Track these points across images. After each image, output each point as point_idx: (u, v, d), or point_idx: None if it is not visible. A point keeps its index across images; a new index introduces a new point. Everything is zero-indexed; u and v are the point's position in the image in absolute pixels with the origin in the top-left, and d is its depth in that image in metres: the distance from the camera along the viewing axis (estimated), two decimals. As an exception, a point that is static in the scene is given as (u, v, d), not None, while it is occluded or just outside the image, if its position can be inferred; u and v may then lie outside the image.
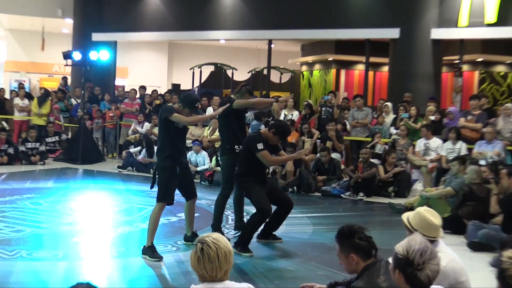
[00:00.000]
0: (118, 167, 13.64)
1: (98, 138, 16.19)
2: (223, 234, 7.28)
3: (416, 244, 2.82)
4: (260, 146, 6.81)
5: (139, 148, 13.90)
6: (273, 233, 7.42)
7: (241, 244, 6.78)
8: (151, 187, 6.73)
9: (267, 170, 11.72)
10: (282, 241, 7.38)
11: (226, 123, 7.48)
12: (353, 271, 3.64)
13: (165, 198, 6.55)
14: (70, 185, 11.40)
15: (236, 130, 7.41)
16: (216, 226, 7.40)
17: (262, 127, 12.56)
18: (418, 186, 11.68)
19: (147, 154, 13.49)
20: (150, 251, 6.39)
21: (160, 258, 6.35)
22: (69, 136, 16.51)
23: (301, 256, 6.81)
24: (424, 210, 4.02)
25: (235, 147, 7.33)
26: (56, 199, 9.78)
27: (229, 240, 6.98)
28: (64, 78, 19.49)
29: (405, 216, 4.05)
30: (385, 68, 21.61)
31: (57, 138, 15.44)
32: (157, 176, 6.64)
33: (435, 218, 3.99)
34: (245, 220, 7.68)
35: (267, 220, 7.06)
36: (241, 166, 7.04)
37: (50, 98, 16.32)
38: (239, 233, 7.28)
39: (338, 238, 3.64)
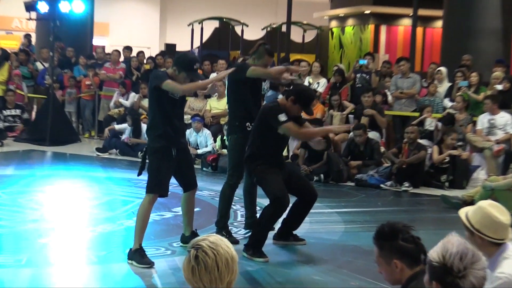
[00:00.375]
0: (97, 149, 13.69)
1: (72, 112, 16.24)
2: (230, 233, 7.32)
3: (454, 247, 2.80)
4: (282, 117, 6.76)
5: (125, 125, 13.89)
6: (294, 232, 7.43)
7: (253, 247, 6.80)
8: (139, 174, 6.74)
9: (287, 154, 11.74)
10: (306, 243, 7.39)
11: (236, 94, 7.45)
12: (396, 281, 3.63)
13: (156, 188, 6.55)
14: (35, 172, 11.46)
15: (248, 103, 7.38)
16: (222, 224, 7.43)
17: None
18: (480, 174, 11.62)
19: (134, 133, 13.52)
20: (138, 256, 6.40)
21: (150, 264, 6.36)
22: (34, 111, 16.57)
23: (329, 262, 6.82)
24: (488, 205, 3.99)
25: (247, 124, 7.31)
26: (18, 189, 9.82)
27: (237, 242, 7.08)
28: (27, 36, 19.51)
29: (464, 212, 4.02)
30: (438, 23, 21.44)
31: (18, 111, 15.48)
32: (147, 160, 6.65)
33: (502, 215, 3.96)
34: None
35: (285, 215, 7.06)
36: (252, 146, 7.00)
37: (9, 61, 16.35)
38: (247, 231, 7.31)
39: (377, 239, 3.62)
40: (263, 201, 7.80)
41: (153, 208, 6.67)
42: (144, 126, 13.28)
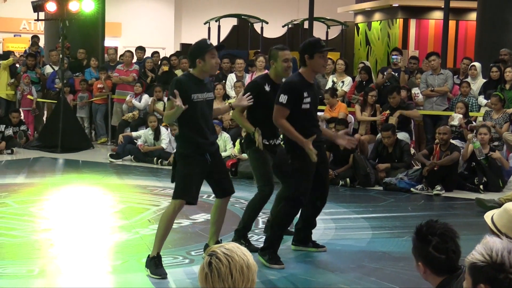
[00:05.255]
0: (111, 155, 13.81)
1: (84, 117, 16.39)
2: (249, 242, 7.37)
3: (497, 244, 2.81)
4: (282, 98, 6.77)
5: (141, 132, 13.98)
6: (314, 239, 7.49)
7: (269, 251, 6.83)
8: (172, 181, 6.66)
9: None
10: (326, 250, 7.45)
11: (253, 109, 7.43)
12: (426, 279, 3.70)
13: (184, 194, 6.48)
14: (47, 180, 11.61)
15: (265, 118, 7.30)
16: (242, 233, 7.44)
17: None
18: (517, 176, 11.63)
19: (155, 137, 13.58)
20: (152, 265, 6.45)
21: (162, 276, 6.38)
22: (45, 116, 16.74)
23: (356, 270, 6.86)
24: None
25: (263, 141, 7.30)
26: (29, 198, 9.99)
27: (257, 251, 7.12)
28: (34, 38, 19.69)
29: (489, 215, 3.96)
30: (472, 16, 21.39)
31: (17, 129, 15.09)
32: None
33: (529, 217, 3.93)
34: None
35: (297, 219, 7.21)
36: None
37: (18, 65, 16.61)
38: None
39: (414, 234, 3.68)
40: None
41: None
42: (163, 130, 13.42)
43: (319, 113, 12.58)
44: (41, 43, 19.42)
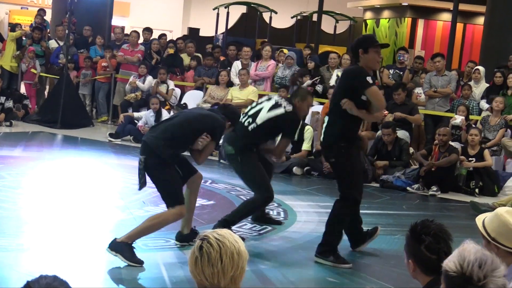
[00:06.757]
0: (110, 135, 13.80)
1: (86, 95, 16.35)
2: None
3: (471, 254, 2.82)
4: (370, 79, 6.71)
5: (143, 113, 13.95)
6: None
7: (332, 252, 6.75)
8: (140, 188, 6.66)
9: (310, 149, 11.81)
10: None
11: None
12: (412, 276, 3.70)
13: (181, 197, 6.49)
14: (44, 154, 11.61)
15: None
16: (223, 225, 7.14)
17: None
18: (513, 182, 11.60)
19: (156, 119, 13.54)
20: (128, 251, 6.22)
21: (141, 264, 6.26)
22: (47, 90, 16.72)
23: (346, 265, 6.86)
24: (505, 212, 3.85)
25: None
26: (24, 171, 9.98)
27: (243, 239, 7.06)
28: (40, 12, 19.60)
29: (481, 219, 3.91)
30: (480, 20, 21.33)
31: (2, 99, 14.85)
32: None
33: (520, 223, 3.91)
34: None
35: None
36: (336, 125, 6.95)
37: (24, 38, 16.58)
38: (263, 227, 7.42)
39: (408, 232, 3.67)
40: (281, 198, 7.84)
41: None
42: (165, 113, 13.32)
43: (318, 109, 12.66)
44: (48, 17, 19.33)
